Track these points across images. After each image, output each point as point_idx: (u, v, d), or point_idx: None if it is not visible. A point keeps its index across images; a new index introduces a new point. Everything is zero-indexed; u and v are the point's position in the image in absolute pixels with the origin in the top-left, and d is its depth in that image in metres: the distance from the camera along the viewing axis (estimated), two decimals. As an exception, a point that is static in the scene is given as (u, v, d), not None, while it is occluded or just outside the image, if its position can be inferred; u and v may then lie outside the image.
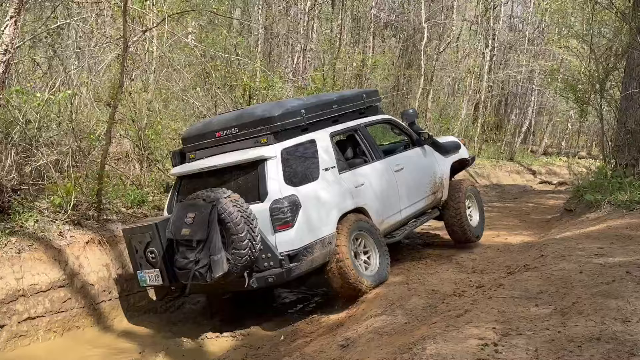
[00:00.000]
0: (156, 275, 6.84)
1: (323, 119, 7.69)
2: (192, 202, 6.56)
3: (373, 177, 7.91)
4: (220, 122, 7.54)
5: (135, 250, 6.98)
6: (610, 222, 9.16)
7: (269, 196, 6.69)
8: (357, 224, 7.33)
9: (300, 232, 6.71)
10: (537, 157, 30.86)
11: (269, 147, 6.92)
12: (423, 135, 9.01)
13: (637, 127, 11.76)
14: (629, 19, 11.92)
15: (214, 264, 6.33)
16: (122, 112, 9.83)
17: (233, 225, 6.34)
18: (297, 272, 6.69)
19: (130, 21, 10.19)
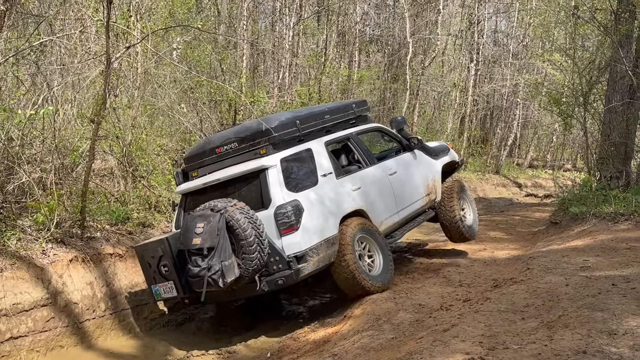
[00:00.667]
0: (170, 287, 7.10)
1: (317, 129, 8.06)
2: (201, 213, 6.84)
3: (368, 181, 8.26)
4: (219, 138, 7.91)
5: (148, 265, 7.23)
6: (596, 234, 9.20)
7: (272, 202, 7.05)
8: (361, 227, 7.66)
9: (305, 234, 7.04)
10: (523, 170, 31.04)
11: (269, 157, 7.28)
12: (413, 140, 9.43)
13: (621, 139, 11.88)
14: (611, 32, 12.07)
15: (225, 269, 6.59)
16: (106, 129, 9.77)
17: (241, 231, 6.65)
18: (305, 272, 7.00)
19: (114, 37, 10.18)
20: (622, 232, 9.02)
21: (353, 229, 7.53)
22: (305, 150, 7.68)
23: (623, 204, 10.05)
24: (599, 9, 13.73)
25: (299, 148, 7.64)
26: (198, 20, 15.45)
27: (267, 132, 7.42)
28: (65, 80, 9.32)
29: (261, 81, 17.97)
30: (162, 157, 11.44)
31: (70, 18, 9.71)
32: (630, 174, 11.92)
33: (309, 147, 7.75)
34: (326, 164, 7.79)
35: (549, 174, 29.67)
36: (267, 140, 7.41)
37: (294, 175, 7.37)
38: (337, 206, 7.55)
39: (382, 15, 25.24)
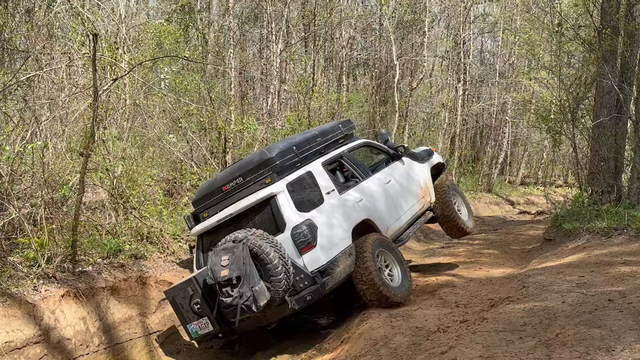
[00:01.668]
0: (205, 323, 7.40)
1: (312, 152, 8.54)
2: (224, 246, 7.13)
3: (368, 192, 8.73)
4: (223, 177, 8.31)
5: (180, 307, 7.53)
6: (590, 250, 9.20)
7: (287, 225, 7.46)
8: (378, 242, 8.07)
9: (323, 249, 7.45)
10: (514, 187, 31.11)
11: (275, 185, 7.71)
12: (399, 150, 10.00)
13: (610, 154, 11.92)
14: (595, 49, 12.19)
15: (257, 294, 6.88)
16: (96, 161, 9.73)
17: (265, 255, 6.99)
18: (330, 285, 7.39)
19: (101, 70, 10.20)
20: (616, 246, 9.02)
21: (372, 243, 7.90)
22: (306, 173, 8.08)
23: (615, 219, 10.06)
24: (583, 26, 13.88)
25: (300, 172, 8.04)
26: (186, 50, 15.54)
27: (269, 160, 7.85)
28: (54, 115, 9.30)
29: (250, 108, 18.01)
30: (153, 187, 11.39)
31: (57, 52, 9.73)
32: (622, 188, 11.95)
33: (309, 170, 8.16)
34: (327, 183, 8.21)
35: (541, 190, 29.74)
36: (270, 169, 7.82)
37: (301, 197, 7.78)
38: (346, 219, 7.97)
39: (368, 39, 25.43)
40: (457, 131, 27.48)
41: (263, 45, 17.23)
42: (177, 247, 10.05)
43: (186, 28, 21.36)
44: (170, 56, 13.33)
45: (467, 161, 29.60)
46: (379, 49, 23.94)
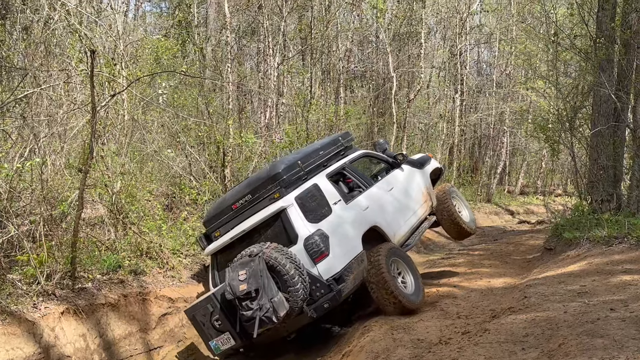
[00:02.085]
0: (227, 338, 7.56)
1: (315, 165, 8.75)
2: (240, 261, 7.31)
3: (373, 200, 8.96)
4: (232, 196, 8.53)
5: (202, 324, 7.67)
6: (591, 259, 9.18)
7: (299, 237, 7.64)
8: (392, 251, 8.31)
9: (336, 257, 7.65)
10: (514, 197, 31.07)
11: (285, 199, 7.89)
12: (398, 157, 10.35)
13: (609, 162, 11.93)
14: (592, 58, 12.23)
15: (276, 305, 7.00)
16: (95, 177, 9.73)
17: (281, 267, 7.14)
18: (346, 291, 7.59)
19: (99, 86, 10.21)
20: (617, 255, 9.00)
21: (386, 252, 8.14)
22: (312, 186, 8.26)
23: (616, 227, 10.04)
24: (578, 35, 13.93)
25: (306, 185, 8.22)
26: (183, 65, 15.58)
27: (276, 176, 8.08)
28: (52, 131, 9.30)
29: (249, 122, 18.03)
30: (152, 202, 11.38)
31: (55, 69, 9.75)
32: (621, 197, 11.95)
33: (314, 183, 8.35)
34: (333, 194, 8.43)
35: (541, 200, 29.72)
36: (278, 184, 8.02)
37: (310, 209, 7.95)
38: (355, 227, 8.21)
39: (365, 51, 25.53)
40: (455, 142, 27.50)
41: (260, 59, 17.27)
42: (177, 262, 10.02)
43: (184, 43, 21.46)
44: (168, 72, 13.37)
45: (466, 171, 29.59)
46: (376, 61, 24.01)
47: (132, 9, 24.62)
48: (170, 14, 24.25)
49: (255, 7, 17.36)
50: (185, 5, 21.28)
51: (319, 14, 18.43)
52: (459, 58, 26.96)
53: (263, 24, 16.22)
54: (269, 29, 16.51)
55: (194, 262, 10.48)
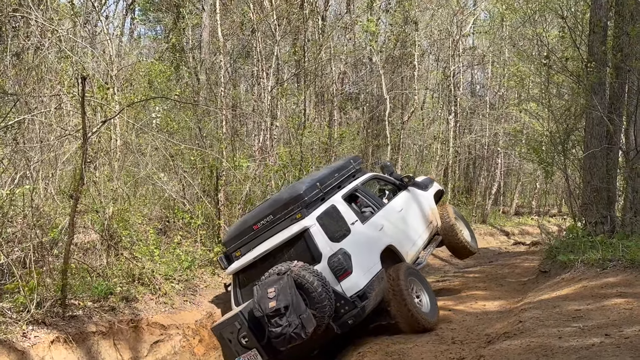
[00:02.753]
0: (254, 355, 7.64)
1: (332, 187, 9.10)
2: (268, 279, 7.49)
3: (386, 221, 9.29)
4: (253, 217, 8.79)
5: (229, 341, 7.74)
6: (585, 282, 9.14)
7: (323, 255, 7.90)
8: (409, 270, 8.60)
9: (359, 274, 7.88)
10: (509, 218, 31.02)
11: (306, 219, 8.17)
12: (405, 180, 10.78)
13: (603, 184, 11.93)
14: (583, 81, 12.29)
15: (305, 322, 7.18)
16: (86, 203, 9.67)
17: (309, 284, 7.35)
18: (368, 308, 7.87)
19: (91, 111, 10.20)
20: (612, 278, 8.96)
21: (404, 271, 8.39)
22: (331, 207, 8.55)
23: (610, 250, 10.01)
24: (570, 58, 14.01)
25: (325, 206, 8.53)
26: (177, 88, 15.59)
27: (298, 197, 8.37)
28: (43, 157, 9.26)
29: (243, 145, 18.02)
30: (145, 227, 11.31)
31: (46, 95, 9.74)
32: (615, 219, 11.93)
33: (332, 204, 8.64)
34: (350, 214, 8.70)
35: (535, 220, 29.69)
36: (300, 205, 8.32)
37: (331, 229, 8.21)
38: (373, 246, 8.53)
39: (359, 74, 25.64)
40: (449, 162, 27.53)
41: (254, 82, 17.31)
42: (169, 288, 9.93)
43: (178, 66, 21.53)
44: (161, 97, 13.38)
45: (461, 192, 29.58)
46: (370, 83, 24.12)
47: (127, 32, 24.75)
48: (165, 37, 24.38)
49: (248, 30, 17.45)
50: (180, 29, 21.42)
51: (313, 37, 18.53)
52: (452, 80, 27.10)
53: (256, 47, 16.26)
54: (262, 53, 16.57)
55: (187, 288, 10.39)
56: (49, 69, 10.14)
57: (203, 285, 10.80)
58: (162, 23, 26.74)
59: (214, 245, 12.11)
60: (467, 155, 31.20)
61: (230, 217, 13.00)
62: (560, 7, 14.00)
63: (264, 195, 13.97)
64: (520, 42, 22.78)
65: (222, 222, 12.57)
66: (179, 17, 21.32)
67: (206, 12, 19.66)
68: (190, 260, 11.19)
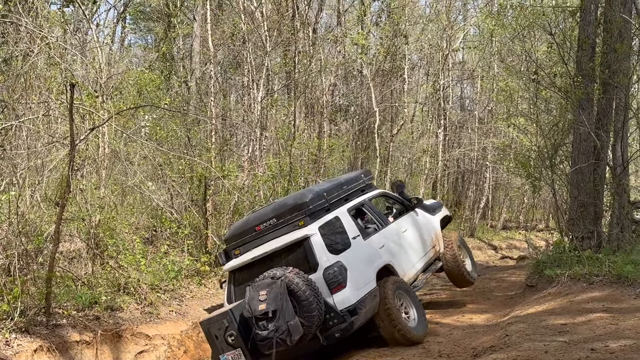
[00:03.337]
0: (238, 354, 7.59)
1: (339, 199, 9.07)
2: (261, 282, 7.50)
3: (388, 240, 9.27)
4: (257, 217, 8.80)
5: (215, 337, 7.70)
6: (572, 296, 9.17)
7: (320, 266, 7.87)
8: (397, 284, 8.55)
9: (352, 290, 7.85)
10: (497, 232, 31.13)
11: (309, 227, 8.15)
12: (413, 201, 10.70)
13: (589, 200, 11.99)
14: (571, 96, 12.38)
15: (292, 329, 7.20)
16: (72, 211, 9.59)
17: (301, 293, 7.37)
18: (357, 324, 7.81)
19: (79, 118, 10.14)
20: (598, 293, 9.00)
21: (392, 284, 8.38)
22: (334, 218, 8.55)
23: (596, 265, 10.06)
24: (558, 74, 14.12)
25: (329, 217, 8.52)
26: (167, 97, 15.54)
27: (303, 205, 8.36)
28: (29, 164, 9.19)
29: (232, 154, 17.99)
30: (131, 236, 11.23)
31: (34, 101, 9.68)
32: (602, 234, 11.99)
33: (336, 215, 8.63)
34: (353, 228, 8.69)
35: (523, 235, 29.79)
36: (304, 213, 8.30)
37: (331, 240, 8.23)
38: (371, 263, 8.45)
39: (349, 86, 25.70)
40: (438, 176, 27.63)
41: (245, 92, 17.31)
42: (155, 298, 9.85)
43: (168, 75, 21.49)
44: (149, 105, 13.34)
45: (449, 206, 29.64)
46: (359, 96, 24.18)
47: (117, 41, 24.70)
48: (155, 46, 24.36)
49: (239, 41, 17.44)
50: (170, 38, 21.40)
51: (303, 49, 18.56)
52: (442, 93, 27.24)
53: (247, 58, 16.27)
54: (252, 63, 16.58)
55: (173, 298, 10.32)
56: (37, 76, 10.08)
57: (189, 296, 10.73)
58: (152, 32, 26.72)
59: (201, 255, 12.05)
60: (455, 169, 31.32)
61: (218, 227, 12.95)
62: (548, 24, 14.12)
63: (252, 206, 13.93)
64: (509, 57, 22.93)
65: (209, 232, 12.51)
66: (170, 26, 21.32)
67: (197, 22, 19.69)
68: (177, 270, 11.13)
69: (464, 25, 29.87)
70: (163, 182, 13.28)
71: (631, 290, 8.71)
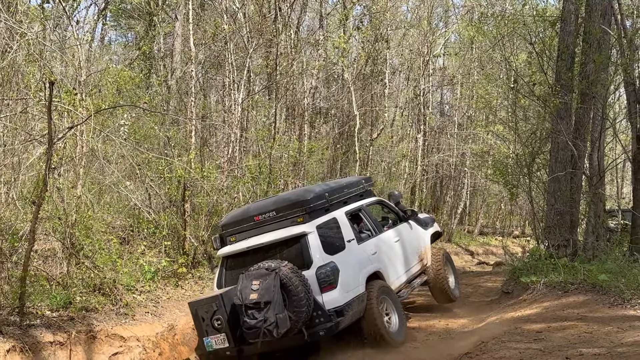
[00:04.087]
0: (222, 339, 7.75)
1: (339, 201, 9.20)
2: (256, 272, 7.59)
3: (381, 247, 9.41)
4: (257, 208, 8.95)
5: (202, 319, 7.84)
6: (547, 303, 9.25)
7: (314, 264, 8.00)
8: (382, 289, 8.67)
9: (342, 291, 7.99)
10: (474, 237, 31.34)
11: (307, 225, 8.29)
12: (407, 213, 10.86)
13: (566, 208, 12.12)
14: (549, 106, 12.51)
15: (280, 321, 7.32)
16: (48, 210, 9.46)
17: (294, 288, 7.47)
18: (342, 325, 7.88)
19: (58, 116, 10.01)
20: (573, 301, 9.09)
21: (378, 290, 8.48)
22: (332, 219, 8.71)
23: (572, 273, 10.17)
24: (537, 83, 14.27)
25: (327, 217, 8.66)
26: (146, 96, 15.40)
27: (304, 202, 8.53)
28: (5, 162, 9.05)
29: (211, 155, 17.88)
30: (107, 235, 11.09)
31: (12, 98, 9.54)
32: (577, 243, 12.13)
33: (334, 217, 8.78)
34: (349, 232, 8.84)
35: (499, 241, 30.03)
36: (304, 210, 8.45)
37: (327, 241, 8.35)
38: (362, 268, 8.56)
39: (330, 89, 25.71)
40: (417, 181, 27.73)
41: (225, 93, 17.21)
42: (131, 299, 9.75)
43: (148, 74, 21.30)
44: (129, 105, 13.23)
45: (427, 210, 29.78)
46: (340, 99, 24.19)
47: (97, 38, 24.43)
48: (136, 44, 24.13)
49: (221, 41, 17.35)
50: (151, 36, 21.24)
51: (285, 51, 18.52)
52: (422, 99, 27.37)
53: (228, 59, 16.20)
54: (234, 64, 16.50)
55: (149, 299, 10.22)
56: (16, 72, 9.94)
57: (165, 297, 10.64)
58: (133, 30, 26.47)
59: (178, 256, 11.95)
60: (434, 174, 31.46)
61: (197, 228, 12.86)
62: (528, 33, 14.26)
63: (231, 207, 13.87)
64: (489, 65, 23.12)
65: (187, 234, 12.42)
66: (151, 24, 21.15)
67: (179, 21, 19.54)
68: (154, 272, 11.02)
69: (445, 31, 30.06)
70: (141, 182, 13.15)
71: (606, 299, 8.82)
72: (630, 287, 8.75)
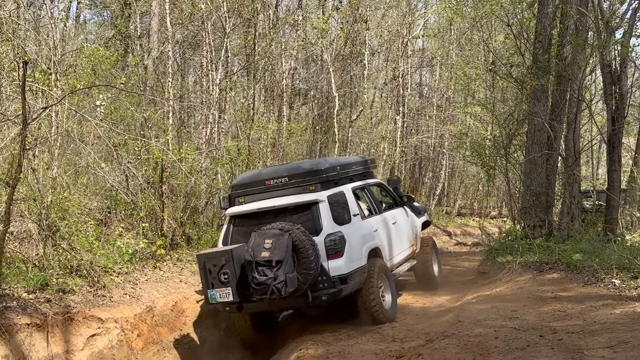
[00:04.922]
0: (227, 292, 8.06)
1: (347, 176, 9.58)
2: (269, 231, 7.92)
3: (381, 225, 9.78)
4: (270, 172, 9.28)
5: (208, 271, 8.13)
6: (522, 283, 9.39)
7: (323, 231, 8.34)
8: (382, 266, 9.06)
9: (347, 260, 8.33)
10: (452, 218, 31.56)
11: (319, 193, 8.62)
12: (404, 199, 11.30)
13: (541, 189, 12.27)
14: (527, 88, 12.60)
15: (289, 281, 7.65)
16: (23, 191, 9.34)
17: (304, 250, 7.81)
18: (344, 292, 8.24)
19: (32, 96, 9.85)
20: (547, 280, 9.24)
21: (378, 266, 8.88)
22: (340, 193, 9.04)
23: (547, 253, 10.33)
24: (515, 64, 14.35)
25: (336, 190, 9.00)
26: (123, 76, 15.21)
27: (318, 171, 8.88)
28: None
29: (189, 136, 17.75)
30: (84, 217, 10.99)
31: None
32: (552, 223, 12.30)
33: (342, 190, 9.12)
34: (354, 206, 9.19)
35: (477, 221, 30.31)
36: (317, 180, 8.77)
37: (336, 211, 8.67)
38: (365, 242, 8.92)
39: (309, 70, 25.60)
40: (396, 162, 27.81)
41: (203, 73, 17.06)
42: (109, 281, 9.69)
43: (125, 53, 21.02)
44: (104, 85, 13.04)
45: (406, 191, 29.93)
46: (319, 80, 24.11)
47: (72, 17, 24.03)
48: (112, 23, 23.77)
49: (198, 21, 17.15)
50: (127, 15, 20.93)
51: (263, 31, 18.38)
52: (401, 80, 27.36)
53: (206, 39, 16.02)
54: (211, 44, 16.34)
55: (127, 281, 10.16)
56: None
57: (144, 279, 10.60)
58: (109, 9, 26.06)
59: (156, 238, 11.88)
60: (413, 155, 31.57)
61: (175, 210, 12.78)
62: (506, 15, 14.31)
63: (210, 189, 13.82)
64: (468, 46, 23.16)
65: (165, 215, 12.34)
66: (127, 3, 20.83)
67: (155, 0, 19.27)
68: (131, 253, 10.95)
69: (424, 12, 29.99)
70: (118, 163, 13.01)
71: (579, 278, 8.99)
72: (603, 266, 8.93)
